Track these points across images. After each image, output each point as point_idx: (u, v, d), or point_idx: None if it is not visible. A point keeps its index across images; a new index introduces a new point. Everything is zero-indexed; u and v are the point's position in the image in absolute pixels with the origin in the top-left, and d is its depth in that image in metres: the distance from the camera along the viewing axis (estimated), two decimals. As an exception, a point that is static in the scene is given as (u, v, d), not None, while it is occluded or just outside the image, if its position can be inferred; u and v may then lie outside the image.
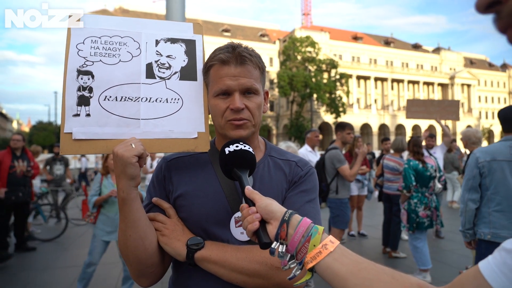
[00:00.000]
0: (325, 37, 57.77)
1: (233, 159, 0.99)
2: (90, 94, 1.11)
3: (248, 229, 0.85)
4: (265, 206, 0.86)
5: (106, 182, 4.31)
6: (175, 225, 1.14)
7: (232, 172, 1.00)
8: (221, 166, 1.02)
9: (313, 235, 0.78)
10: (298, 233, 0.79)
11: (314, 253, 0.76)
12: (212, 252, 1.06)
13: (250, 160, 1.01)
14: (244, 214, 0.88)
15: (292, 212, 0.84)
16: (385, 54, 67.27)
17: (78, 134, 1.08)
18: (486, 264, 0.66)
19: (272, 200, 0.88)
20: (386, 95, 64.58)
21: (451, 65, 71.91)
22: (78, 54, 1.13)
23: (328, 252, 0.76)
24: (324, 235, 0.79)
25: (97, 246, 4.21)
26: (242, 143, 1.03)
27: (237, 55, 1.12)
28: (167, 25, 1.25)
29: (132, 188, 1.05)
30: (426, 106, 6.42)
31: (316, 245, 0.77)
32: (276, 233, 0.82)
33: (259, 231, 0.84)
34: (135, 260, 1.09)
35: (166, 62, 1.20)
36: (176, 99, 1.18)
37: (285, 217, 0.82)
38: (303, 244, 0.78)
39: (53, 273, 5.38)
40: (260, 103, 1.17)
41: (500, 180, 2.82)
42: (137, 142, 1.06)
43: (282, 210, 0.85)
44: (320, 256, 0.76)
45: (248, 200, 0.90)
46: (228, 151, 1.00)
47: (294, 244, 0.79)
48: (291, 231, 0.80)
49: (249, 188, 0.92)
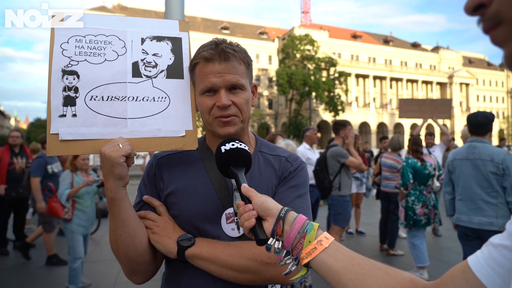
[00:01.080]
0: (324, 35, 57.73)
1: (229, 157, 1.00)
2: (76, 94, 1.10)
3: (244, 226, 0.86)
4: (261, 203, 0.87)
5: (78, 179, 4.42)
6: (166, 223, 1.14)
7: (228, 170, 1.01)
8: (217, 164, 1.02)
9: (308, 231, 0.80)
10: (294, 229, 0.80)
11: (309, 249, 0.78)
12: (202, 249, 1.07)
13: (245, 158, 1.01)
14: (241, 211, 0.89)
15: (288, 209, 0.85)
16: (384, 53, 67.28)
17: (65, 135, 1.07)
18: (475, 258, 0.68)
19: (268, 198, 0.90)
20: (385, 93, 64.64)
21: (450, 64, 71.98)
22: (62, 54, 1.11)
23: (323, 248, 0.77)
24: (319, 231, 0.81)
25: (78, 240, 4.31)
26: (238, 141, 1.04)
27: (220, 52, 1.11)
28: (153, 23, 1.24)
29: (120, 188, 1.05)
30: (419, 105, 6.49)
31: (311, 241, 0.79)
32: (272, 229, 0.83)
33: (255, 228, 0.85)
34: (126, 258, 1.10)
35: (152, 61, 1.19)
36: (163, 97, 1.17)
37: (281, 214, 0.84)
38: (299, 240, 0.80)
39: (52, 270, 5.39)
40: (247, 98, 1.16)
41: (459, 175, 3.58)
42: (125, 142, 1.06)
43: (278, 207, 0.86)
44: (315, 252, 0.78)
45: (245, 197, 0.91)
46: (224, 150, 1.01)
47: (290, 240, 0.80)
48: (287, 227, 0.81)
49: (245, 186, 0.93)
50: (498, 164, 3.27)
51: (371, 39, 70.50)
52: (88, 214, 4.46)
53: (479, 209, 3.34)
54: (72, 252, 4.30)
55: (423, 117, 6.27)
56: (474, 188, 3.40)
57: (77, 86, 1.11)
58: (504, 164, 3.24)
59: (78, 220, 4.35)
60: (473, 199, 3.40)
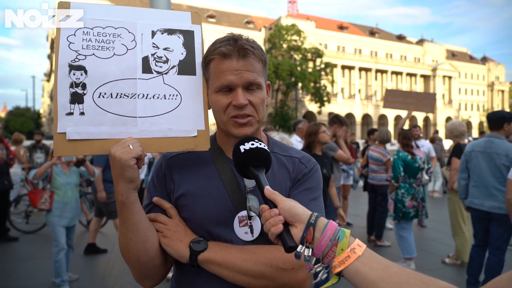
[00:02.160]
0: (311, 25, 57.60)
1: (249, 157, 0.96)
2: (83, 91, 1.04)
3: (271, 232, 0.83)
4: (289, 209, 0.83)
5: (58, 170, 4.47)
6: (177, 226, 1.10)
7: (248, 171, 0.97)
8: (236, 165, 0.99)
9: (340, 239, 0.77)
10: (325, 236, 0.78)
11: (342, 257, 0.75)
12: (216, 254, 1.04)
13: (266, 158, 0.98)
14: (266, 216, 0.85)
15: (318, 215, 0.82)
16: (370, 45, 67.69)
17: (73, 134, 1.02)
18: None
19: (295, 202, 0.86)
20: (370, 85, 65.26)
21: (433, 57, 73.06)
22: (69, 47, 1.05)
23: (357, 256, 0.75)
24: (351, 238, 0.78)
25: (60, 231, 4.30)
26: (258, 141, 1.00)
27: (239, 48, 1.06)
28: (164, 14, 1.18)
29: (131, 191, 1.00)
30: (404, 97, 6.55)
31: (344, 249, 0.76)
32: (302, 236, 0.80)
33: (283, 234, 0.82)
34: (137, 263, 1.07)
35: (163, 55, 1.13)
36: (174, 95, 1.12)
37: (311, 220, 0.81)
38: (331, 248, 0.77)
39: (36, 264, 5.28)
40: (264, 97, 1.13)
41: (475, 165, 4.11)
42: (135, 143, 1.01)
43: (307, 212, 0.83)
44: (348, 260, 0.75)
45: (269, 201, 0.87)
46: (243, 149, 0.97)
47: (321, 248, 0.77)
48: (318, 234, 0.79)
49: (269, 189, 0.89)
50: (509, 157, 3.84)
51: (358, 30, 70.77)
52: (71, 206, 4.42)
53: (491, 195, 3.90)
54: (55, 243, 4.27)
55: (407, 109, 6.34)
56: (488, 177, 3.96)
57: (84, 82, 1.05)
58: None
59: (59, 211, 4.33)
60: (486, 186, 3.96)
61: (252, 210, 1.07)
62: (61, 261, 4.23)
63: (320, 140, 4.14)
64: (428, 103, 6.43)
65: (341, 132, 5.11)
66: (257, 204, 1.08)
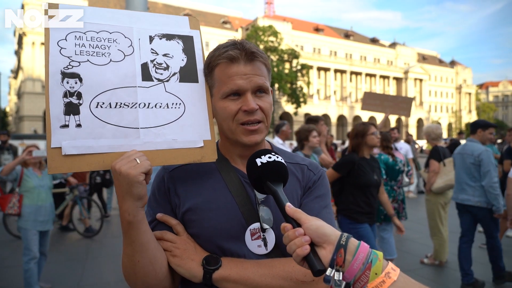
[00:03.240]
0: (287, 27, 58.02)
1: (266, 172, 0.90)
2: (79, 101, 0.95)
3: (296, 254, 0.76)
4: (316, 228, 0.77)
5: (29, 173, 4.29)
6: (186, 243, 1.02)
7: (264, 186, 0.90)
8: (251, 179, 0.93)
9: (373, 262, 0.72)
10: (358, 259, 0.72)
11: (376, 283, 0.70)
12: (231, 271, 0.97)
13: (284, 173, 0.92)
14: (290, 236, 0.79)
15: (348, 236, 0.76)
16: (345, 47, 68.94)
17: (69, 149, 0.92)
18: None
19: (321, 221, 0.80)
20: (345, 87, 66.45)
21: (405, 60, 75.24)
22: (60, 53, 0.96)
23: (392, 282, 0.70)
24: (384, 261, 0.73)
25: (33, 239, 4.07)
26: (274, 154, 0.95)
27: (248, 52, 1.02)
28: (160, 18, 1.11)
29: (139, 209, 0.93)
30: (381, 100, 6.65)
31: (378, 274, 0.71)
32: (332, 259, 0.74)
33: (310, 256, 0.75)
34: (144, 286, 0.98)
35: (163, 62, 1.06)
36: (177, 103, 1.05)
37: (342, 242, 0.75)
38: (363, 272, 0.71)
39: (2, 272, 5.00)
40: (271, 102, 1.09)
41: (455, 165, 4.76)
42: (142, 156, 0.93)
43: (336, 233, 0.77)
44: (383, 285, 0.70)
45: (291, 219, 0.81)
46: (260, 163, 0.91)
47: (353, 272, 0.72)
48: (349, 257, 0.73)
49: (290, 206, 0.83)
50: (475, 157, 4.41)
51: (333, 32, 71.90)
52: (45, 209, 4.21)
53: (463, 190, 4.57)
54: (26, 252, 4.03)
55: (384, 112, 6.44)
56: (461, 174, 4.62)
57: (80, 91, 0.96)
58: (480, 158, 4.37)
59: (32, 216, 4.11)
60: (460, 183, 4.63)
61: (264, 221, 1.02)
62: (31, 270, 4.00)
63: (368, 142, 3.74)
64: (404, 107, 6.55)
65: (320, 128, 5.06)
66: (269, 215, 1.03)
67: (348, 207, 3.68)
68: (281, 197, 0.87)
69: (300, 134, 4.46)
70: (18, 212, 4.12)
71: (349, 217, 3.67)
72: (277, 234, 1.03)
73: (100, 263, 5.48)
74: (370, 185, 3.67)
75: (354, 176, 3.65)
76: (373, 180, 3.68)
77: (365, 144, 3.75)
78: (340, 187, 3.80)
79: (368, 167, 3.70)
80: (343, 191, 3.77)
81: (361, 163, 3.68)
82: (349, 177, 3.68)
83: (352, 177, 3.67)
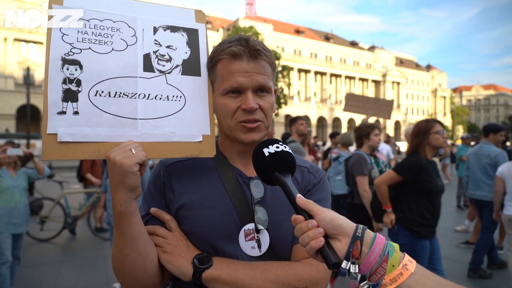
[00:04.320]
0: (268, 28, 58.23)
1: (274, 162, 0.87)
2: (78, 88, 0.94)
3: (310, 246, 0.74)
4: (331, 220, 0.75)
5: (2, 173, 4.08)
6: (178, 240, 1.00)
7: (272, 177, 0.88)
8: (258, 170, 0.90)
9: (390, 254, 0.71)
10: (375, 251, 0.71)
11: (394, 275, 0.69)
12: (222, 271, 0.95)
13: (292, 163, 0.90)
14: (304, 228, 0.76)
15: (364, 228, 0.75)
16: (325, 49, 69.75)
17: (65, 136, 0.91)
18: None
19: (335, 213, 0.78)
20: (325, 88, 67.24)
21: (383, 63, 76.84)
22: (62, 39, 0.95)
23: (410, 274, 0.69)
24: (401, 253, 0.72)
25: (5, 242, 3.89)
26: (281, 143, 0.92)
27: (251, 49, 1.01)
28: (166, 10, 1.10)
29: (131, 201, 0.91)
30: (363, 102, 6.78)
31: (395, 266, 0.69)
32: (348, 251, 0.72)
33: (325, 249, 0.73)
34: (133, 281, 0.96)
35: (166, 54, 1.05)
36: (178, 96, 1.04)
37: (358, 233, 0.73)
38: (380, 264, 0.70)
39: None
40: (273, 102, 1.07)
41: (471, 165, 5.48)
42: (138, 147, 0.92)
43: (351, 225, 0.75)
44: (401, 278, 0.68)
45: (302, 211, 0.79)
46: (268, 153, 0.88)
47: (370, 264, 0.70)
48: (366, 249, 0.71)
49: (301, 197, 0.80)
50: (492, 158, 5.11)
51: (313, 35, 72.65)
52: (19, 211, 4.04)
53: (479, 187, 5.21)
54: None
55: (365, 114, 6.56)
56: (477, 173, 5.27)
57: (79, 79, 0.95)
58: (496, 159, 5.05)
59: (5, 218, 3.91)
60: (476, 180, 5.28)
61: (260, 222, 1.00)
62: (4, 275, 3.82)
63: (432, 142, 3.17)
64: (386, 109, 6.68)
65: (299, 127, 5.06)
66: (264, 216, 1.01)
67: (411, 217, 3.12)
68: (290, 188, 0.84)
69: (361, 131, 4.16)
70: None
71: (410, 229, 3.12)
72: (271, 236, 1.02)
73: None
74: (437, 191, 3.14)
75: (420, 181, 3.10)
76: (439, 186, 3.18)
77: (427, 144, 3.18)
78: (397, 193, 3.27)
79: (434, 171, 3.19)
80: (403, 198, 3.22)
81: (428, 166, 3.14)
82: (413, 182, 3.13)
83: (416, 182, 3.12)
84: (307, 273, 0.97)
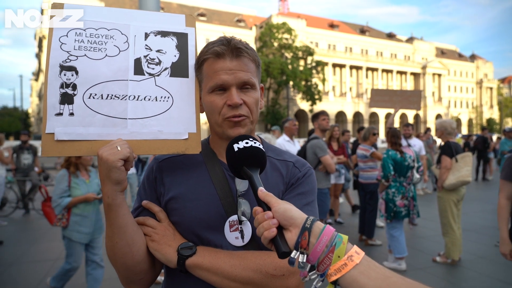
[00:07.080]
0: (301, 24, 57.66)
1: (243, 156, 0.93)
2: (74, 92, 1.04)
3: (264, 236, 0.79)
4: (284, 212, 0.79)
5: (78, 181, 3.85)
6: (166, 230, 1.09)
7: (241, 171, 0.94)
8: (229, 164, 0.96)
9: (337, 245, 0.72)
10: (321, 242, 0.73)
11: (338, 265, 0.71)
12: (204, 259, 1.02)
13: (261, 158, 0.95)
14: (259, 219, 0.81)
15: (314, 219, 0.78)
16: (361, 43, 68.05)
17: (61, 135, 1.01)
18: None
19: (290, 205, 0.82)
20: (361, 83, 65.60)
21: (423, 55, 73.72)
22: (61, 48, 1.05)
23: (354, 265, 0.70)
24: (348, 245, 0.73)
25: (76, 250, 3.82)
26: (252, 139, 0.98)
27: (233, 48, 1.07)
28: (157, 16, 1.18)
29: (117, 193, 0.99)
30: (390, 96, 6.58)
31: (340, 256, 0.71)
32: (296, 241, 0.76)
33: (276, 239, 0.77)
34: (123, 267, 1.05)
35: (155, 57, 1.12)
36: (166, 97, 1.11)
37: (307, 225, 0.76)
38: (327, 254, 0.72)
39: (21, 268, 5.14)
40: (257, 98, 1.12)
41: None
42: (124, 144, 1.00)
43: (302, 216, 0.79)
44: (345, 268, 0.70)
45: (262, 203, 0.84)
46: (237, 148, 0.94)
47: (317, 254, 0.73)
48: (313, 240, 0.74)
49: (262, 190, 0.86)
50: None
51: (348, 28, 71.04)
52: (90, 219, 3.86)
53: None
54: (68, 260, 3.81)
55: (393, 107, 6.35)
56: None
57: (75, 83, 1.04)
58: None
59: (78, 227, 3.78)
60: None
61: (243, 214, 1.06)
62: (68, 277, 3.85)
63: None
64: (414, 100, 6.44)
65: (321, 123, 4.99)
66: (248, 208, 1.06)
67: None
68: (255, 181, 0.90)
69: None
70: (65, 225, 3.81)
71: None
72: (253, 227, 1.06)
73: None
74: None
75: None
76: None
77: None
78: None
79: None
80: None
81: None
82: None
83: None
84: (284, 262, 0.99)
